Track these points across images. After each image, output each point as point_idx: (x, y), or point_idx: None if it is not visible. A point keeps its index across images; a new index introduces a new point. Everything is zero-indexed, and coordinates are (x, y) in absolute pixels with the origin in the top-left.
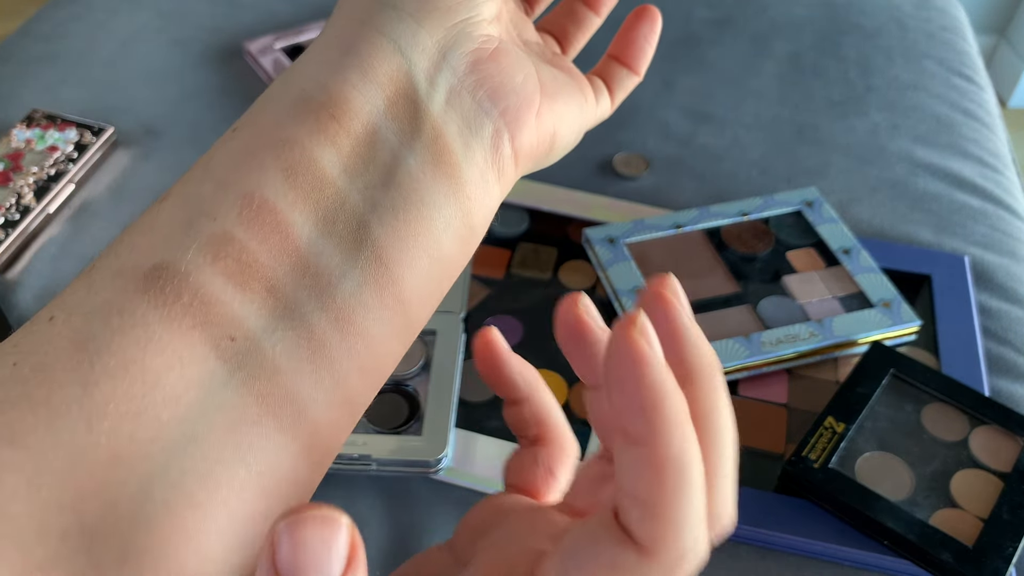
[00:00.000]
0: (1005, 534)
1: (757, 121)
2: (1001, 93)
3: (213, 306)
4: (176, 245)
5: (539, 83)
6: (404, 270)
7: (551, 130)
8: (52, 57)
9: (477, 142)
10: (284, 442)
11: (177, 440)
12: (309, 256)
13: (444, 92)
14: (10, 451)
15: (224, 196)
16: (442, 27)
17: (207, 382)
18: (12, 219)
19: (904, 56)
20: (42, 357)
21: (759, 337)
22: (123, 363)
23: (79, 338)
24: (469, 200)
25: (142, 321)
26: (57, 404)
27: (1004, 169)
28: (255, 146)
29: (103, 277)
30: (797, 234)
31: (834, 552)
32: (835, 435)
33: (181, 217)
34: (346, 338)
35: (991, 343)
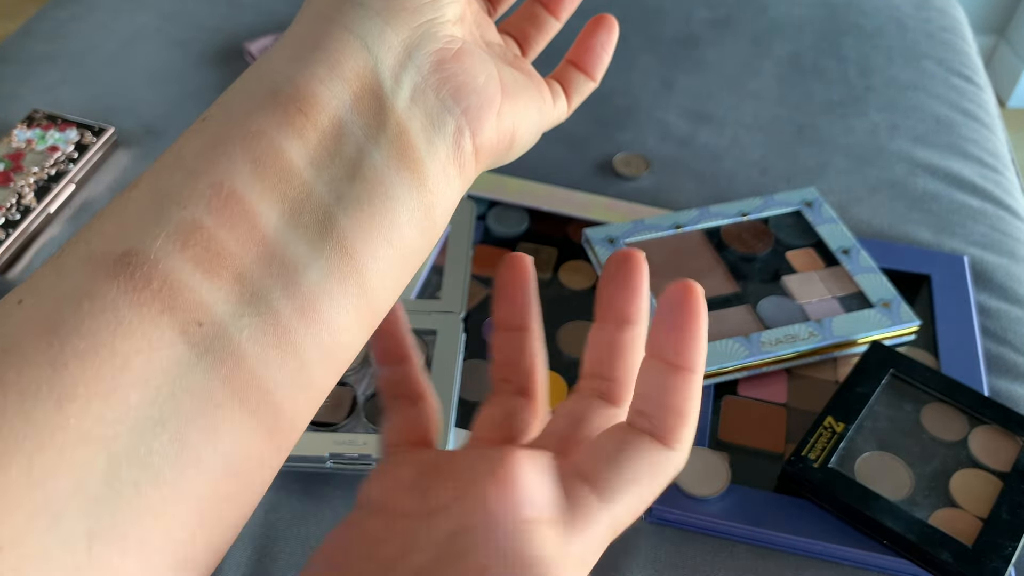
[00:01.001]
0: (1004, 534)
1: (757, 121)
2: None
3: (181, 292)
4: (146, 232)
5: (500, 83)
6: (368, 260)
7: (511, 129)
8: (53, 57)
9: (440, 138)
10: (250, 425)
11: (145, 421)
12: (276, 245)
13: (409, 89)
14: None
15: (194, 185)
16: (408, 26)
17: (175, 366)
18: (13, 219)
19: (904, 56)
20: (12, 340)
21: (759, 337)
22: (93, 346)
23: (49, 322)
24: (431, 194)
25: (112, 306)
26: (27, 385)
27: (1003, 169)
28: (224, 137)
29: (73, 262)
30: (797, 234)
31: (834, 552)
32: (835, 435)
33: (151, 205)
34: (311, 325)
35: (990, 343)
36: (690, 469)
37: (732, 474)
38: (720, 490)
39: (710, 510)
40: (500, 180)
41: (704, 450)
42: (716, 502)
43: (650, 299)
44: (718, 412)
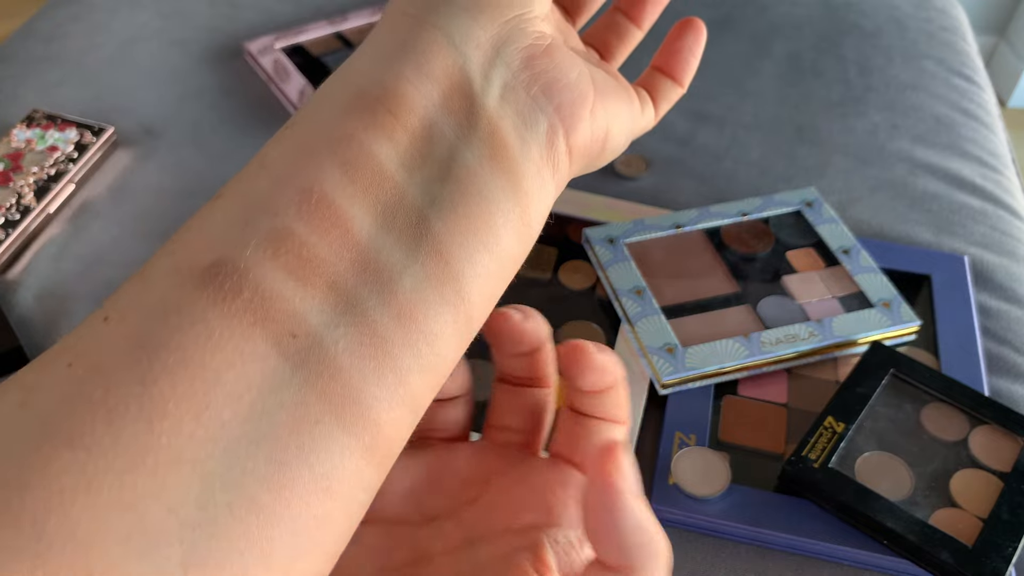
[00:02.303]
0: (1005, 534)
1: (757, 121)
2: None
3: (274, 302)
4: (234, 241)
5: (592, 81)
6: (464, 265)
7: (604, 128)
8: (52, 57)
9: (532, 137)
10: (347, 442)
11: (239, 440)
12: (369, 251)
13: (499, 87)
14: (69, 452)
15: (282, 192)
16: (495, 22)
17: (269, 380)
18: (12, 219)
19: (904, 56)
20: (98, 357)
21: (759, 337)
22: (182, 361)
23: (136, 337)
24: (526, 195)
25: (201, 318)
26: (115, 404)
27: (1004, 169)
28: (311, 142)
29: (158, 275)
30: (797, 234)
31: (834, 552)
32: (835, 435)
33: (238, 213)
34: (408, 335)
35: (991, 343)
36: (690, 469)
37: (732, 474)
38: (720, 490)
39: (710, 510)
40: None
41: (704, 450)
42: (716, 502)
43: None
44: (718, 412)
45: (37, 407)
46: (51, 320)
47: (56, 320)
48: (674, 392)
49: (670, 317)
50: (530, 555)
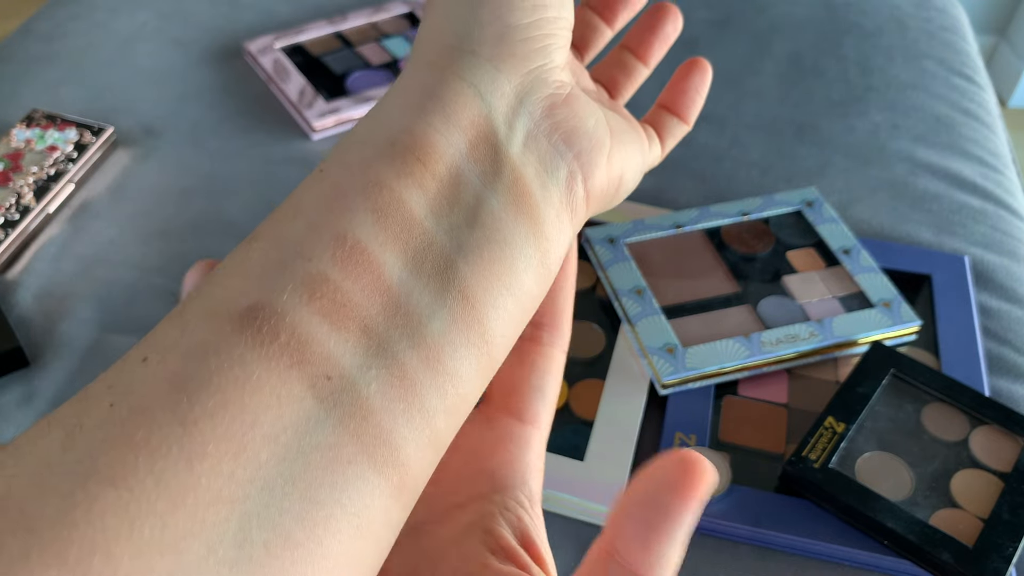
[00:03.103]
0: (1005, 534)
1: (757, 121)
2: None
3: (309, 345)
4: (271, 285)
5: (608, 127)
6: (489, 309)
7: (619, 172)
8: (52, 57)
9: (553, 183)
10: (378, 482)
11: (276, 480)
12: (400, 295)
13: (522, 135)
14: (112, 492)
15: (317, 237)
16: (519, 72)
17: (304, 421)
18: (12, 219)
19: (904, 56)
20: (139, 398)
21: (759, 337)
22: (222, 403)
23: (176, 378)
24: (547, 240)
25: (239, 360)
26: (157, 444)
27: (1004, 169)
28: (344, 187)
29: (196, 317)
30: (797, 234)
31: (834, 552)
32: (835, 435)
33: (275, 257)
34: (436, 377)
35: (991, 343)
36: None
37: (733, 474)
38: (720, 490)
39: (710, 510)
40: None
41: (704, 450)
42: (716, 502)
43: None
44: (718, 412)
45: (81, 447)
46: (51, 320)
47: (55, 320)
48: (674, 392)
49: (670, 317)
50: (482, 535)
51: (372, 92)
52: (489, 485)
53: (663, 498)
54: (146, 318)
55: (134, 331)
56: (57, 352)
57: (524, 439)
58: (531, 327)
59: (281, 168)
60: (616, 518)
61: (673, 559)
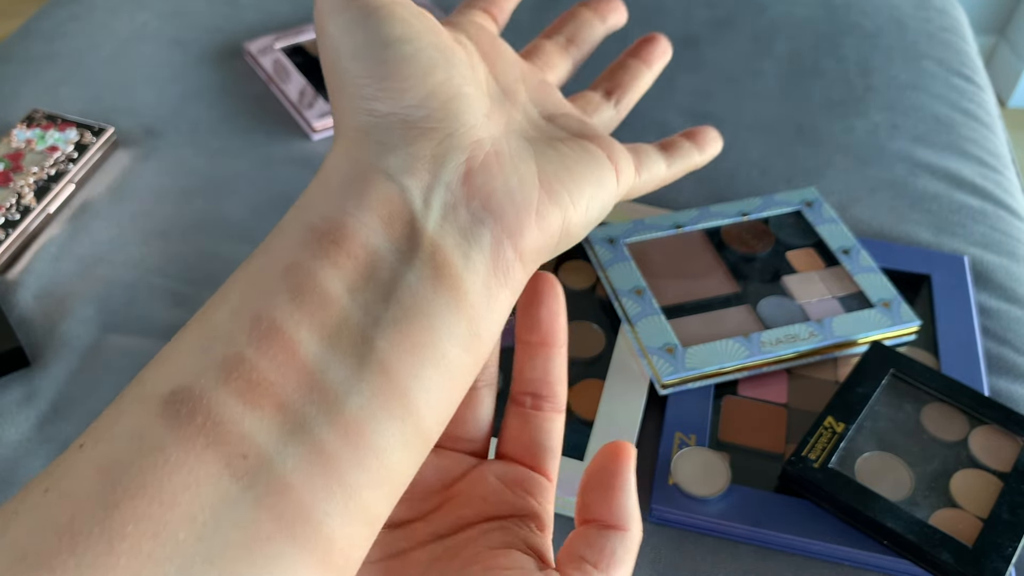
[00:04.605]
0: (1005, 534)
1: (757, 121)
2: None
3: (225, 425)
4: (191, 369)
5: (538, 179)
6: (411, 381)
7: (558, 222)
8: (52, 57)
9: (477, 252)
10: (299, 557)
11: (194, 558)
12: (315, 372)
13: (439, 209)
14: (37, 574)
15: (237, 320)
16: (429, 147)
17: (221, 501)
18: (12, 219)
19: (904, 56)
20: (69, 483)
21: (759, 337)
22: (143, 485)
23: (104, 463)
24: (472, 308)
25: (160, 444)
26: (79, 527)
27: (1004, 169)
28: (265, 271)
29: (129, 403)
30: (797, 234)
31: (834, 552)
32: (835, 435)
33: (198, 343)
34: (356, 451)
35: (991, 343)
36: (690, 469)
37: (732, 474)
38: (720, 490)
39: (710, 510)
40: None
41: (704, 450)
42: (716, 502)
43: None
44: (718, 412)
45: (13, 532)
46: (51, 320)
47: (56, 320)
48: (674, 392)
49: (670, 317)
50: (500, 532)
51: None
52: (509, 512)
53: (607, 467)
54: (146, 318)
55: (134, 331)
56: (57, 352)
57: (534, 483)
58: (532, 398)
59: (281, 168)
60: (581, 496)
61: (633, 507)
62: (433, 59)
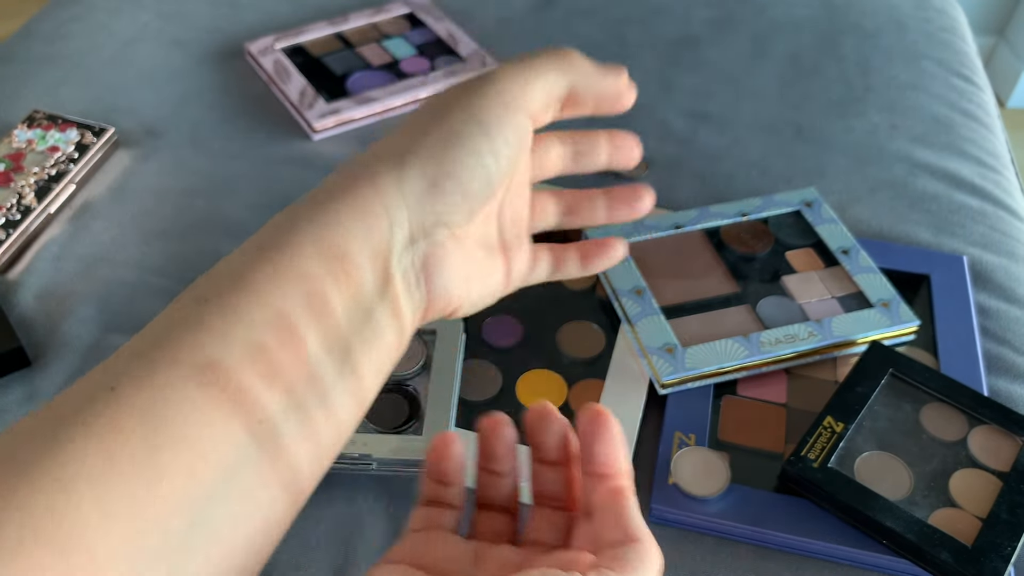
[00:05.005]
0: (1004, 533)
1: (756, 121)
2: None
3: (249, 397)
4: (224, 347)
5: (464, 278)
6: (368, 377)
7: (458, 304)
8: (53, 58)
9: (410, 304)
10: (283, 496)
11: (215, 494)
12: (314, 367)
13: (402, 270)
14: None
15: (261, 312)
16: (420, 220)
17: (241, 454)
18: (13, 219)
19: (903, 56)
20: (111, 421)
21: (758, 337)
22: (182, 434)
23: (143, 411)
24: (404, 333)
25: (193, 404)
26: (126, 464)
27: (1003, 169)
28: (285, 274)
29: (163, 363)
30: (796, 234)
31: (833, 551)
32: (834, 435)
33: (225, 325)
34: (329, 423)
35: (990, 343)
36: (690, 469)
37: (732, 474)
38: (720, 490)
39: (710, 510)
40: None
41: (704, 450)
42: (716, 502)
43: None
44: (718, 412)
45: (64, 454)
46: (52, 320)
47: (57, 320)
48: (674, 392)
49: (670, 317)
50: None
51: (372, 93)
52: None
53: (591, 427)
54: (147, 318)
55: (135, 331)
56: (58, 352)
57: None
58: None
59: (282, 168)
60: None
61: (623, 455)
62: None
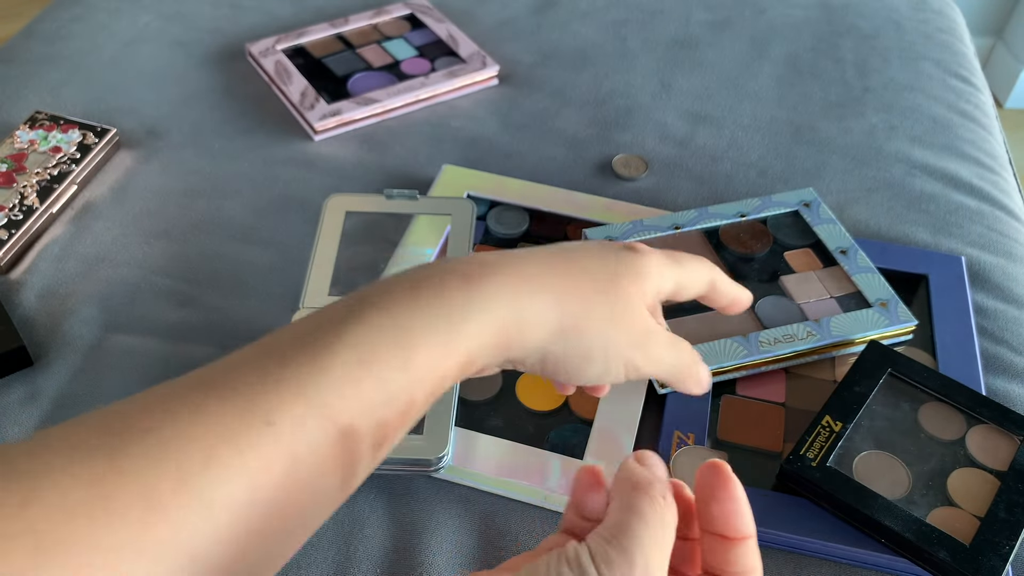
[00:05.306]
0: (1002, 532)
1: (755, 122)
2: (997, 94)
3: (355, 454)
4: (363, 411)
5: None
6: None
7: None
8: (55, 59)
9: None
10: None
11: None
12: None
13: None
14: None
15: (398, 397)
16: (536, 365)
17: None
18: (15, 219)
19: (901, 58)
20: (259, 458)
21: (757, 337)
22: (297, 499)
23: (287, 454)
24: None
25: (324, 465)
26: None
27: (1000, 170)
28: (451, 348)
29: (309, 414)
30: (795, 234)
31: (831, 550)
32: (833, 434)
33: (375, 386)
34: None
35: (987, 342)
36: (689, 468)
37: None
38: None
39: None
40: (501, 181)
41: (703, 449)
42: None
43: None
44: (717, 411)
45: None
46: (54, 320)
47: (58, 320)
48: (673, 391)
49: (669, 317)
50: None
51: (373, 94)
52: None
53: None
54: (148, 318)
55: (136, 331)
56: (60, 351)
57: None
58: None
59: (283, 169)
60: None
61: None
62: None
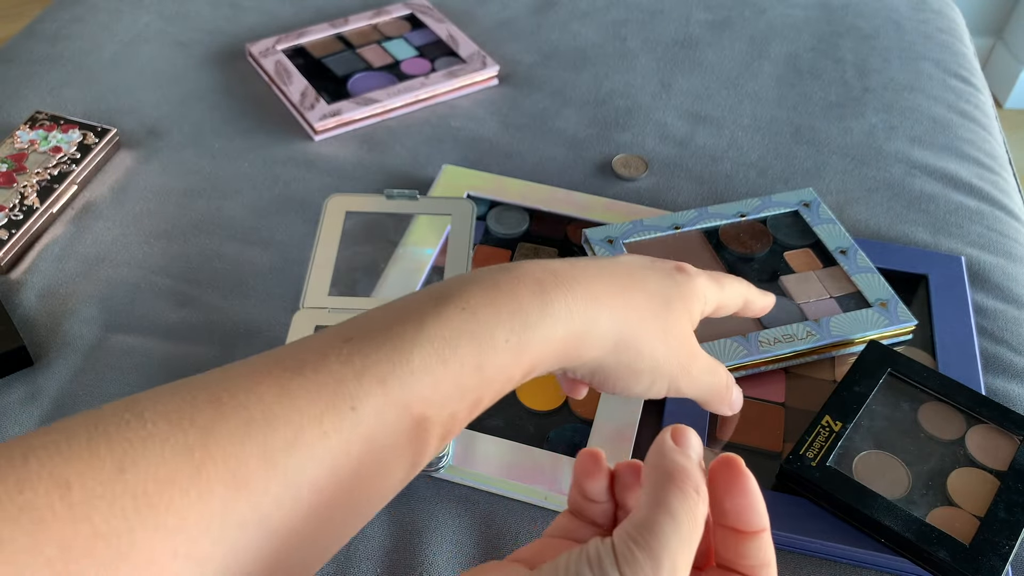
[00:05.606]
0: (1001, 532)
1: (755, 122)
2: (997, 94)
3: (426, 445)
4: (439, 402)
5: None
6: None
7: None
8: (55, 59)
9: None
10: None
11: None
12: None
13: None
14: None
15: (466, 396)
16: (585, 374)
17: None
18: (16, 219)
19: (901, 58)
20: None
21: (757, 336)
22: (372, 476)
23: (364, 436)
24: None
25: (397, 449)
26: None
27: (1000, 170)
28: (494, 378)
29: (385, 404)
30: (795, 234)
31: (831, 550)
32: (832, 434)
33: (452, 384)
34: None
35: (987, 342)
36: None
37: None
38: None
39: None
40: (501, 181)
41: (703, 449)
42: None
43: None
44: None
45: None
46: (54, 320)
47: (59, 320)
48: None
49: None
50: None
51: (373, 94)
52: None
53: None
54: (149, 317)
55: (137, 331)
56: (60, 351)
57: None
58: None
59: (283, 169)
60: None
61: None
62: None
